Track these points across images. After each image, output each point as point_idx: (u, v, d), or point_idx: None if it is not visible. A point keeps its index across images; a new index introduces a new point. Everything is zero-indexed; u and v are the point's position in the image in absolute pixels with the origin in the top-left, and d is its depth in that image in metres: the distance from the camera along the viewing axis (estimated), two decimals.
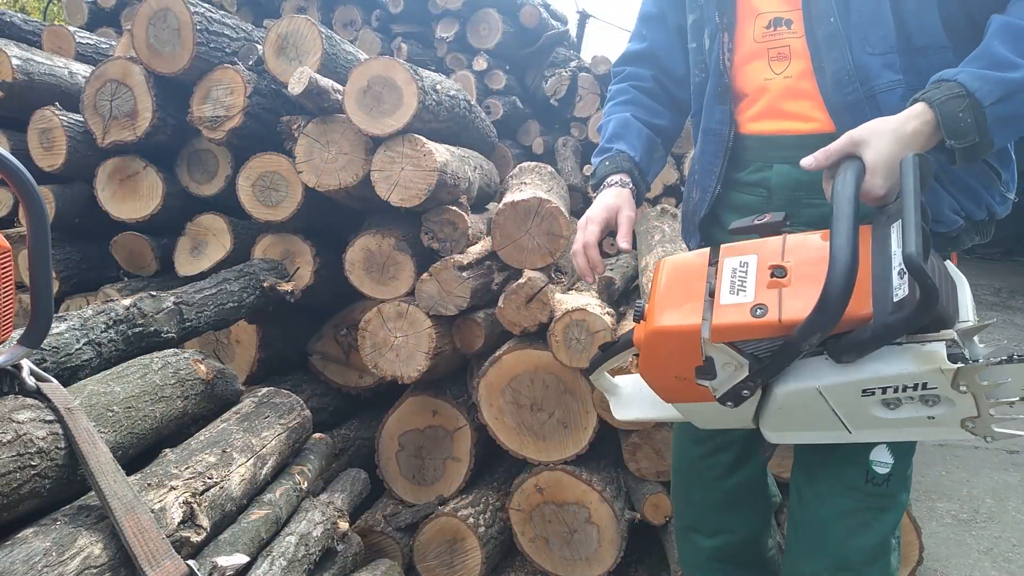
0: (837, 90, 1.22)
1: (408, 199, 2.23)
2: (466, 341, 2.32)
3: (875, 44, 1.19)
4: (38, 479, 1.15)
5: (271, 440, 1.71)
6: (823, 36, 1.22)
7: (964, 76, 1.04)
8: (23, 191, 1.09)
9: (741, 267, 1.05)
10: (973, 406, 0.95)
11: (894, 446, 1.29)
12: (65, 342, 1.50)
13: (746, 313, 0.99)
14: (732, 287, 1.03)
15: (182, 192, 2.61)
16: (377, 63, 2.21)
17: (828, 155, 1.08)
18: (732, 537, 1.53)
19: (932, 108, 1.04)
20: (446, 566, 2.22)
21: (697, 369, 1.07)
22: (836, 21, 1.20)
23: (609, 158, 1.48)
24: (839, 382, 0.99)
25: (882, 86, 1.19)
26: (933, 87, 1.06)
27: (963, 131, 1.03)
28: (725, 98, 1.37)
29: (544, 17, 4.73)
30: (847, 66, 1.20)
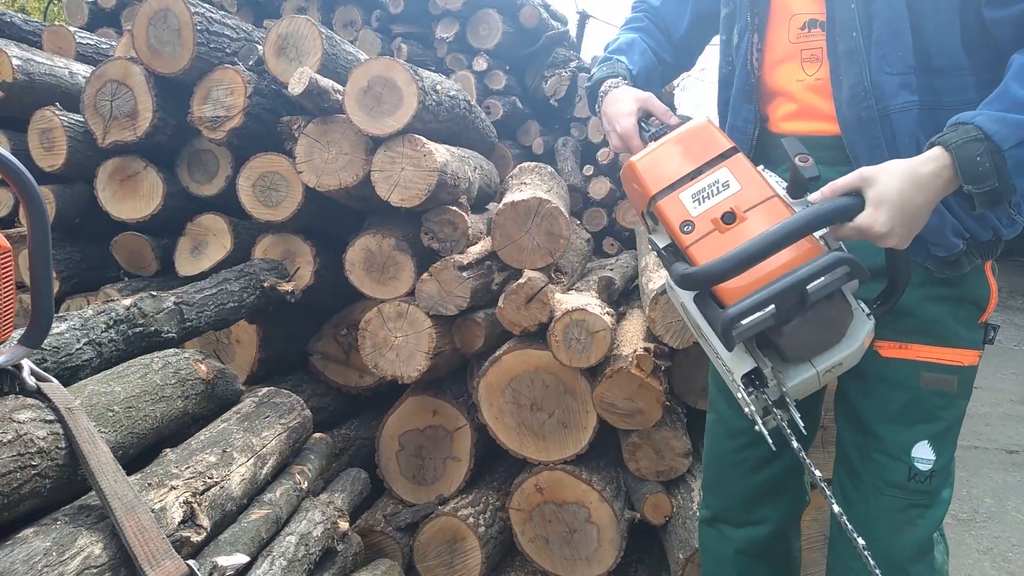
0: (852, 104, 1.22)
1: (408, 199, 2.23)
2: (466, 341, 2.32)
3: (893, 63, 1.18)
4: (38, 479, 1.15)
5: (271, 440, 1.72)
6: (844, 50, 1.22)
7: (982, 119, 1.02)
8: (24, 191, 1.09)
9: (721, 185, 1.14)
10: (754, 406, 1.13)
11: (935, 443, 1.31)
12: (66, 342, 1.50)
13: (680, 219, 1.13)
14: (698, 193, 1.14)
15: (182, 192, 2.61)
16: (377, 63, 2.22)
17: (834, 191, 1.07)
18: (761, 529, 1.53)
19: (949, 151, 1.02)
20: (446, 566, 2.23)
21: (643, 214, 1.24)
22: (858, 36, 1.20)
23: (608, 65, 1.49)
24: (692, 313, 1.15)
25: (897, 106, 1.19)
26: (951, 130, 1.05)
27: (981, 176, 1.01)
28: (752, 97, 1.38)
29: (544, 17, 4.73)
30: (864, 82, 1.20)
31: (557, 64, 4.67)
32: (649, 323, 2.18)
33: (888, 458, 1.33)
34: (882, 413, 1.34)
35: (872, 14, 1.19)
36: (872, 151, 1.21)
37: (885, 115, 1.20)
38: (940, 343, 1.28)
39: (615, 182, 4.21)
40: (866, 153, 1.22)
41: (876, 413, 1.35)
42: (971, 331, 1.31)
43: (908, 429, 1.31)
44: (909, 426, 1.31)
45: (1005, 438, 3.75)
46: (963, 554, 2.62)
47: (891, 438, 1.33)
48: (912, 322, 1.29)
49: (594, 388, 2.10)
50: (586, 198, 4.23)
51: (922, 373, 1.29)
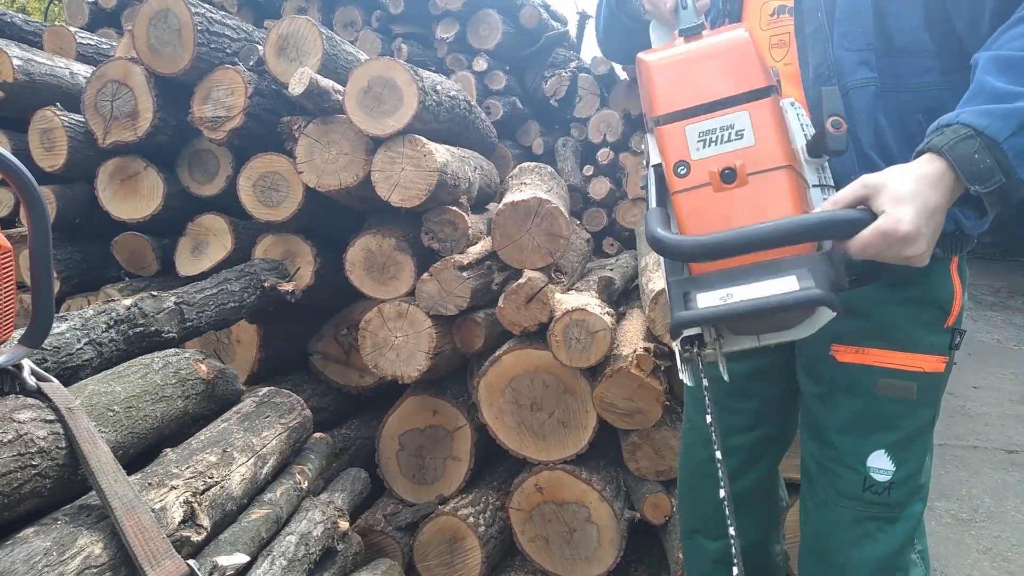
0: (816, 83, 1.20)
1: (408, 199, 2.23)
2: (466, 341, 2.32)
3: (853, 40, 1.18)
4: (39, 479, 1.16)
5: (272, 440, 1.72)
6: (810, 31, 1.22)
7: (967, 116, 0.96)
8: (24, 191, 1.09)
9: (735, 133, 1.00)
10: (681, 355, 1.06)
11: (894, 452, 1.25)
12: (66, 342, 1.50)
13: (676, 156, 1.01)
14: (706, 132, 1.00)
15: (183, 192, 2.62)
16: (377, 64, 2.22)
17: (836, 204, 0.97)
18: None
19: (942, 156, 0.95)
20: (446, 565, 2.23)
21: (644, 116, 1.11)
22: (823, 16, 1.20)
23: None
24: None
25: (855, 82, 1.18)
26: (935, 135, 0.98)
27: (985, 174, 0.93)
28: None
29: (544, 18, 4.73)
30: (827, 60, 1.19)
31: (557, 64, 4.67)
32: (649, 323, 2.18)
33: (842, 467, 1.28)
34: (837, 420, 1.29)
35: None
36: None
37: (844, 92, 1.18)
38: (899, 347, 1.23)
39: (615, 182, 4.21)
40: None
41: (831, 420, 1.30)
42: (935, 335, 1.23)
43: (863, 438, 1.26)
44: (865, 435, 1.26)
45: (1005, 438, 3.75)
46: (963, 554, 2.62)
47: (845, 446, 1.28)
48: (870, 325, 1.23)
49: (594, 388, 2.11)
50: (586, 198, 4.23)
51: (879, 379, 1.24)
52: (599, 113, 4.32)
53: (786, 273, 0.92)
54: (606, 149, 4.19)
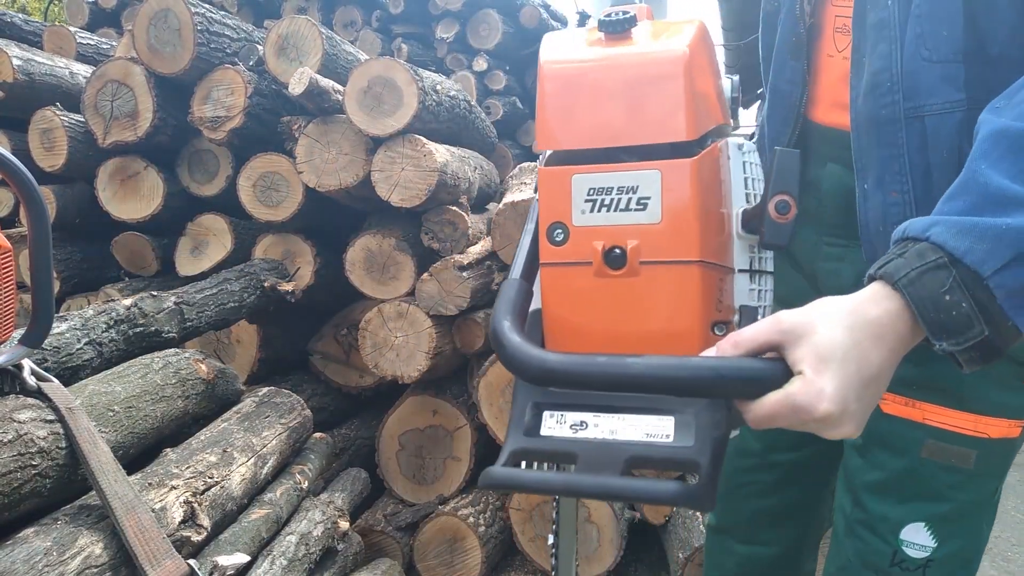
0: (870, 96, 0.90)
1: (408, 199, 2.23)
2: (466, 341, 2.32)
3: (934, 46, 0.84)
4: (39, 479, 1.16)
5: (272, 440, 1.72)
6: (873, 22, 0.89)
7: (940, 232, 0.65)
8: (24, 191, 1.09)
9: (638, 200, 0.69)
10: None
11: (938, 526, 1.01)
12: (66, 342, 1.50)
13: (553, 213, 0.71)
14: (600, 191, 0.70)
15: (183, 192, 2.61)
16: (377, 64, 2.22)
17: (736, 347, 0.64)
18: (766, 550, 1.36)
19: (898, 291, 0.64)
20: (446, 565, 2.23)
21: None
22: (893, 5, 0.87)
23: None
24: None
25: (935, 106, 0.85)
26: (895, 251, 0.67)
27: (958, 324, 0.63)
28: (799, 52, 1.02)
29: (544, 18, 4.74)
30: (892, 67, 0.87)
31: None
32: None
33: (871, 534, 1.05)
34: (872, 479, 1.05)
35: None
36: (886, 161, 0.89)
37: (917, 116, 0.86)
38: (959, 406, 0.96)
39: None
40: (878, 162, 0.89)
41: (865, 478, 1.06)
42: (1007, 394, 0.95)
43: (901, 504, 1.03)
44: (902, 501, 1.03)
45: None
46: None
47: (877, 511, 1.04)
48: (926, 374, 0.95)
49: None
50: None
51: (928, 441, 0.98)
52: None
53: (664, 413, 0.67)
54: None
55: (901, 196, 0.88)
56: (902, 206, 0.88)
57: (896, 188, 0.88)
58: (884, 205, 0.89)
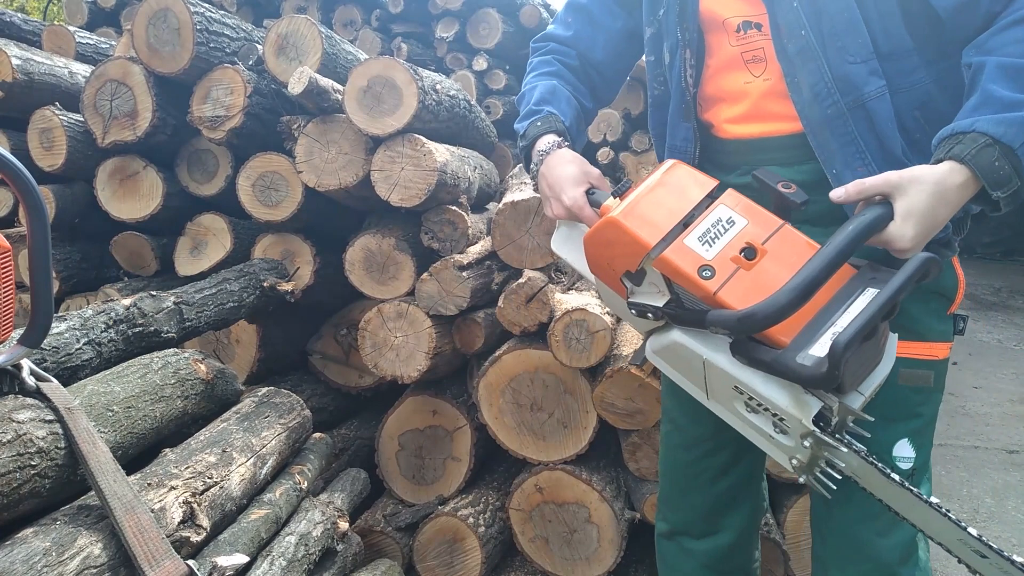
0: (815, 104, 1.18)
1: (408, 199, 2.23)
2: (466, 341, 2.32)
3: (855, 52, 1.16)
4: (38, 479, 1.15)
5: (271, 440, 1.71)
6: (795, 51, 1.19)
7: (985, 124, 1.01)
8: (23, 191, 1.09)
9: (726, 223, 1.06)
10: (808, 455, 1.00)
11: (915, 439, 1.27)
12: (65, 342, 1.50)
13: (695, 266, 1.02)
14: (704, 235, 1.05)
15: (182, 192, 2.61)
16: (377, 63, 2.22)
17: (861, 190, 1.04)
18: (723, 539, 1.51)
19: (965, 164, 1.00)
20: (446, 566, 2.23)
21: (629, 275, 1.11)
22: (807, 34, 1.17)
23: (541, 119, 1.41)
24: (722, 367, 1.03)
25: (872, 93, 1.17)
26: (952, 142, 1.03)
27: (1004, 179, 1.00)
28: (689, 115, 1.34)
29: (544, 17, 4.74)
30: (824, 78, 1.17)
31: None
32: None
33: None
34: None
35: (819, 9, 1.16)
36: (844, 147, 1.18)
37: (858, 105, 1.16)
38: (916, 338, 1.25)
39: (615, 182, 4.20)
40: (839, 150, 1.19)
41: None
42: (942, 323, 1.28)
43: (889, 427, 1.27)
44: (889, 424, 1.27)
45: (1005, 438, 3.75)
46: None
47: (873, 437, 1.29)
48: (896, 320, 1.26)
49: (594, 388, 2.10)
50: None
51: (900, 370, 1.23)
52: (599, 113, 4.32)
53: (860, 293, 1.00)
54: (606, 148, 4.19)
55: (865, 168, 1.16)
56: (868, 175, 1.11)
57: (859, 163, 1.17)
58: (855, 178, 1.11)
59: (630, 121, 4.22)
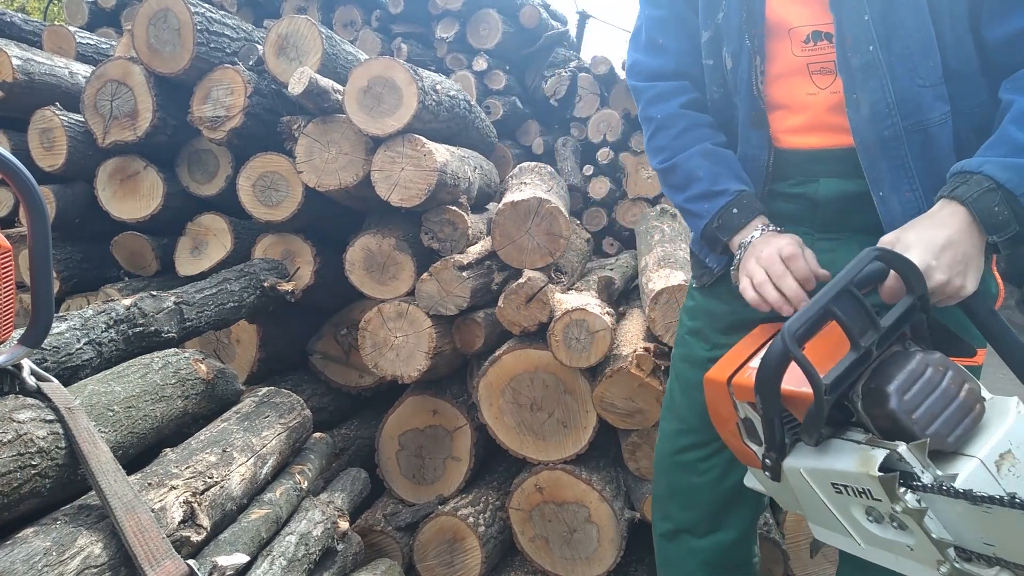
0: (873, 123, 1.15)
1: (408, 199, 2.23)
2: (466, 341, 2.32)
3: (925, 75, 1.12)
4: (38, 479, 1.16)
5: (271, 440, 1.72)
6: (858, 65, 1.14)
7: (991, 168, 1.01)
8: (24, 191, 1.09)
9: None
10: (929, 543, 0.85)
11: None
12: (66, 342, 1.50)
13: (754, 376, 0.99)
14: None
15: (182, 192, 2.61)
16: (377, 63, 2.22)
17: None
18: (725, 536, 1.50)
19: (966, 207, 1.01)
20: (446, 565, 2.23)
21: (746, 429, 1.08)
22: (875, 51, 1.12)
23: (734, 203, 1.26)
24: (812, 466, 0.97)
25: (936, 119, 1.13)
26: (958, 181, 1.03)
27: (1002, 224, 1.01)
28: (762, 123, 1.28)
29: (544, 17, 4.74)
30: (887, 98, 1.13)
31: (557, 64, 4.67)
32: (649, 323, 2.18)
33: None
34: None
35: (892, 25, 1.12)
36: (895, 170, 1.16)
37: (920, 129, 1.13)
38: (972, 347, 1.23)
39: (615, 182, 4.22)
40: (888, 173, 1.16)
41: None
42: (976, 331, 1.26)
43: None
44: None
45: None
46: None
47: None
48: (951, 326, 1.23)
49: (594, 388, 2.10)
50: (586, 198, 4.23)
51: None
52: (599, 113, 4.32)
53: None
54: (606, 149, 4.19)
55: (912, 193, 1.15)
56: (915, 201, 1.15)
57: (907, 188, 1.15)
58: (902, 203, 1.15)
59: (630, 121, 4.22)
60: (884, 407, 0.90)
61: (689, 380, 1.44)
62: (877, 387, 0.92)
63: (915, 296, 0.98)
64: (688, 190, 1.32)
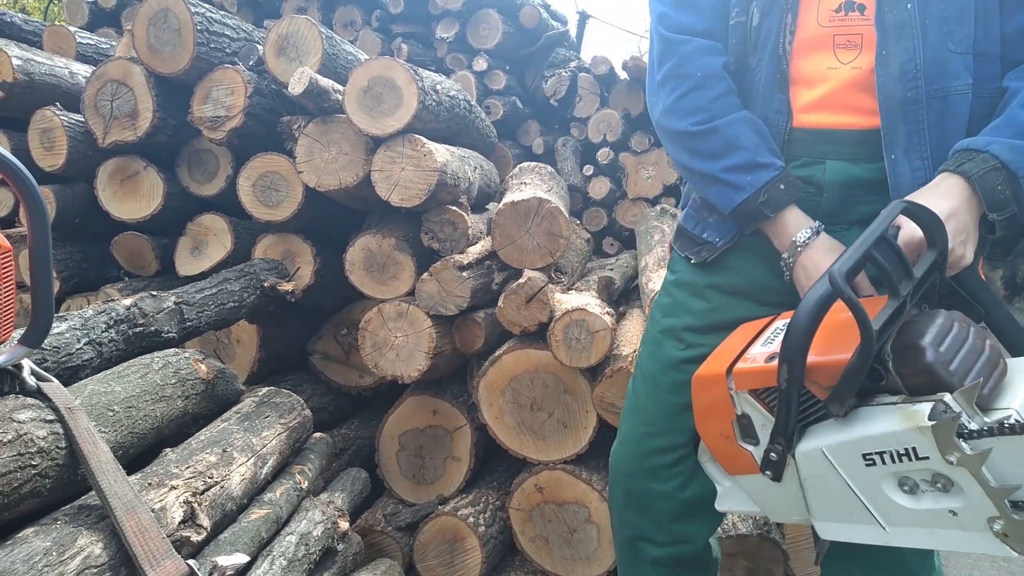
0: (901, 82, 1.13)
1: (408, 199, 2.23)
2: (466, 341, 2.32)
3: (959, 41, 1.12)
4: (39, 479, 1.16)
5: (271, 440, 1.72)
6: (893, 22, 1.13)
7: (998, 148, 1.04)
8: (24, 191, 1.09)
9: (783, 326, 1.03)
10: (984, 497, 0.82)
11: None
12: (66, 342, 1.50)
13: (762, 359, 1.00)
14: (766, 340, 1.06)
15: (183, 192, 2.61)
16: (377, 63, 2.22)
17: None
18: (686, 547, 1.44)
19: (970, 182, 1.04)
20: (446, 565, 2.23)
21: (742, 428, 1.03)
22: (913, 9, 1.12)
23: (780, 179, 1.20)
24: (838, 441, 0.92)
25: (959, 87, 1.13)
26: (963, 158, 1.06)
27: (1003, 203, 1.04)
28: (784, 85, 1.22)
29: (544, 17, 4.73)
30: (916, 58, 1.12)
31: (557, 64, 4.67)
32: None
33: None
34: None
35: None
36: (911, 135, 1.15)
37: (942, 96, 1.13)
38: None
39: (615, 182, 4.22)
40: (903, 138, 1.15)
41: None
42: None
43: None
44: None
45: None
46: (963, 554, 2.62)
47: None
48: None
49: (594, 388, 2.10)
50: (586, 198, 4.23)
51: None
52: (599, 113, 4.32)
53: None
54: (606, 149, 4.19)
55: (922, 162, 1.15)
56: (924, 170, 1.15)
57: (918, 155, 1.15)
58: (912, 169, 1.15)
59: (630, 121, 4.22)
60: (920, 361, 0.88)
61: (659, 381, 1.38)
62: (909, 343, 0.90)
63: (937, 251, 1.00)
64: (727, 158, 1.22)
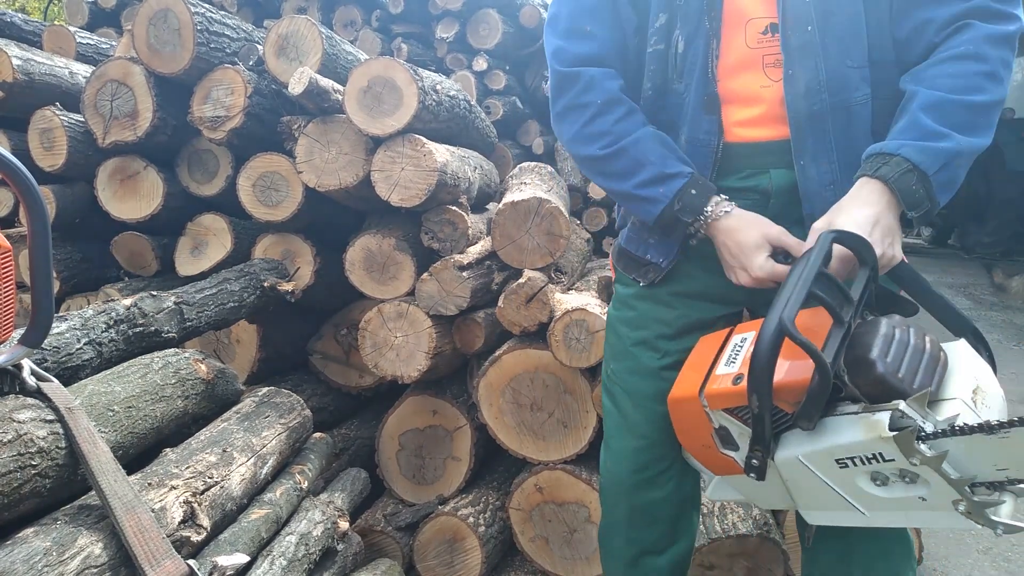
0: (807, 99, 1.22)
1: (408, 199, 2.23)
2: (466, 341, 2.32)
3: (855, 57, 1.22)
4: (39, 479, 1.16)
5: (271, 440, 1.72)
6: (796, 44, 1.21)
7: (907, 151, 1.11)
8: (24, 191, 1.09)
9: (741, 342, 1.15)
10: (947, 486, 0.91)
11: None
12: (66, 342, 1.50)
13: (729, 381, 1.07)
14: (728, 359, 1.13)
15: (183, 192, 2.61)
16: (377, 63, 2.22)
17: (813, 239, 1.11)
18: (681, 546, 1.50)
19: (888, 186, 1.11)
20: (446, 565, 2.23)
21: (721, 439, 1.12)
22: (813, 31, 1.20)
23: (691, 184, 1.25)
24: (811, 450, 1.00)
25: (859, 99, 1.23)
26: (878, 162, 1.12)
27: (918, 202, 1.11)
28: (714, 107, 1.27)
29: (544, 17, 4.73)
30: (819, 76, 1.21)
31: None
32: None
33: None
34: None
35: (829, 10, 1.20)
36: (816, 143, 1.23)
37: (843, 107, 1.22)
38: None
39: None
40: (811, 146, 1.23)
41: None
42: None
43: None
44: None
45: None
46: (963, 554, 2.62)
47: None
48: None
49: (594, 388, 2.10)
50: (586, 198, 4.23)
51: None
52: None
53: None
54: None
55: (830, 166, 1.24)
56: (830, 173, 1.24)
57: (825, 160, 1.24)
58: (819, 174, 1.24)
59: None
60: (871, 373, 0.96)
61: (644, 392, 1.41)
62: (859, 357, 0.98)
63: (868, 268, 1.07)
64: (637, 175, 1.28)
